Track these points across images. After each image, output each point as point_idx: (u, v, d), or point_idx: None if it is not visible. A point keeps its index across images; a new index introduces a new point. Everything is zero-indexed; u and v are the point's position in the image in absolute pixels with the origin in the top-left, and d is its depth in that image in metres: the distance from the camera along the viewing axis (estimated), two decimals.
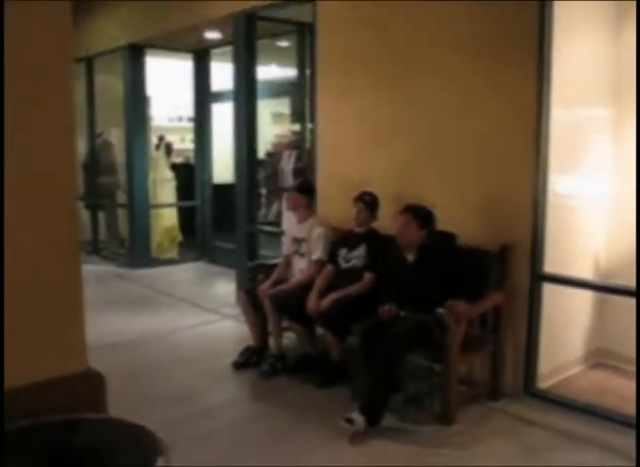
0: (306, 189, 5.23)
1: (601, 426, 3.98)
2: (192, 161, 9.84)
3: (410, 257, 4.24)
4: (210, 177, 9.28)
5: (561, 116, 4.28)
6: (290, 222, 5.53)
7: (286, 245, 5.39)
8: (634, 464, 3.51)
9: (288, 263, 5.25)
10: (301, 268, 5.12)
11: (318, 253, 4.95)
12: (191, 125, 9.73)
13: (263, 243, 7.12)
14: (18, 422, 1.96)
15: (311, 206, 5.25)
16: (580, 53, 4.48)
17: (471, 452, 3.67)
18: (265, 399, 4.56)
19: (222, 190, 8.99)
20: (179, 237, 9.54)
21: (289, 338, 5.14)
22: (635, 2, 4.03)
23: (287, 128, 8.79)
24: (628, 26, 4.48)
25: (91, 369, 2.38)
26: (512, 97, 4.29)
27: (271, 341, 5.00)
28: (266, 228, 7.43)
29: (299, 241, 5.15)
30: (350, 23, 5.33)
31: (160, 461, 1.77)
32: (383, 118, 5.07)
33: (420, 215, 4.22)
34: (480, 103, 4.46)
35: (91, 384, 2.35)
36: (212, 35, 7.87)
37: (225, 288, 7.60)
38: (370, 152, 5.22)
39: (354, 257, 4.77)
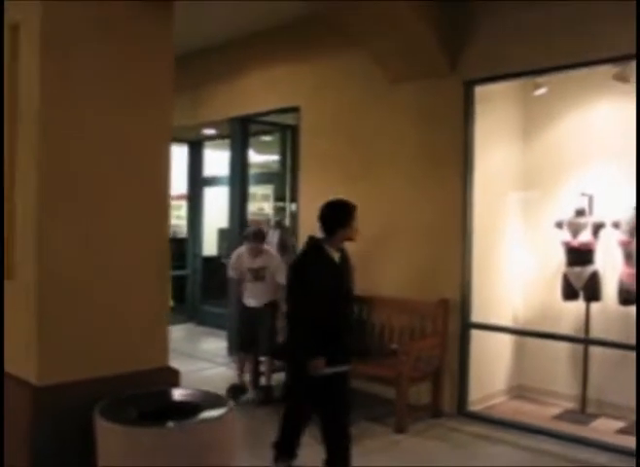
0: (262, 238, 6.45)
1: (511, 433, 5.38)
2: (177, 235, 11.05)
3: (336, 258, 4.17)
4: (200, 250, 10.68)
5: (481, 197, 5.82)
6: (243, 260, 6.44)
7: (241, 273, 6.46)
8: (528, 454, 4.94)
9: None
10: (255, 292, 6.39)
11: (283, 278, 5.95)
12: (179, 203, 11.08)
13: None
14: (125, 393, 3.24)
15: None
16: (496, 155, 6.10)
17: (415, 449, 5.02)
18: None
19: (209, 261, 10.42)
20: (170, 303, 10.77)
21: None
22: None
23: (257, 207, 10.27)
24: (536, 131, 6.27)
25: (170, 365, 3.73)
26: (446, 188, 5.83)
27: (263, 379, 6.44)
28: None
29: (256, 270, 6.33)
30: (327, 130, 6.89)
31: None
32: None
33: None
34: (424, 193, 5.98)
35: (171, 376, 3.69)
36: (208, 131, 9.45)
37: (215, 344, 8.88)
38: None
39: None
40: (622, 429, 5.51)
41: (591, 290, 5.82)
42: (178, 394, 3.44)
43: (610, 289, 5.79)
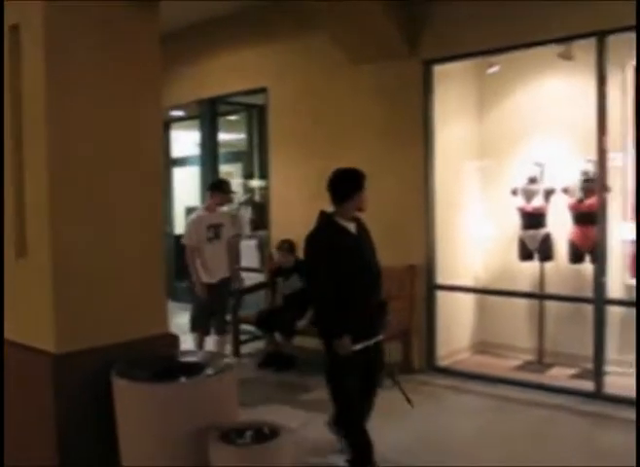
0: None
1: (476, 383, 5.92)
2: None
3: (352, 228, 4.07)
4: (172, 229, 10.98)
5: (442, 169, 6.28)
6: (201, 217, 6.39)
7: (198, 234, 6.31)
8: (492, 400, 5.48)
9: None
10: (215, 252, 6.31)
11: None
12: None
13: None
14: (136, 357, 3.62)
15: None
16: (454, 129, 6.55)
17: (391, 400, 5.50)
18: None
19: (180, 239, 10.73)
20: None
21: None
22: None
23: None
24: (491, 106, 6.77)
25: (170, 331, 4.12)
26: (408, 161, 6.26)
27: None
28: None
29: (215, 227, 6.31)
30: (294, 109, 7.24)
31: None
32: (319, 180, 6.88)
33: None
34: (388, 167, 6.39)
35: (172, 341, 4.09)
36: (176, 113, 9.71)
37: (186, 318, 9.26)
38: (309, 204, 6.93)
39: (291, 284, 6.57)
40: (575, 375, 6.08)
41: (545, 251, 6.37)
42: (183, 355, 3.84)
43: (561, 249, 6.35)
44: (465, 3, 5.78)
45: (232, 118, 10.10)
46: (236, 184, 10.66)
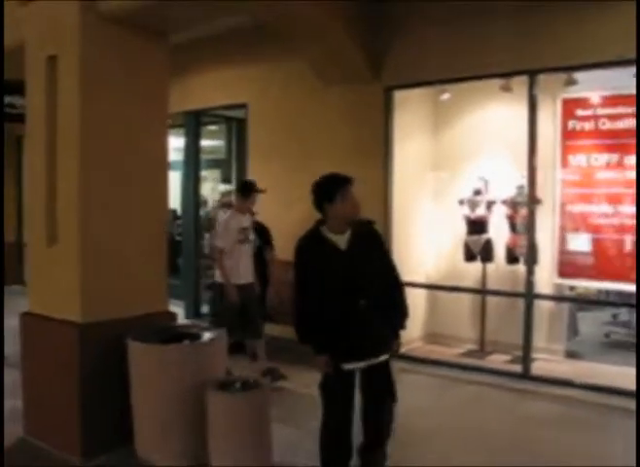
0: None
1: (427, 366, 6.87)
2: None
3: (342, 243, 3.69)
4: None
5: (399, 181, 7.24)
6: (235, 219, 6.25)
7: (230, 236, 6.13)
8: (439, 380, 6.45)
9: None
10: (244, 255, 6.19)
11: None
12: None
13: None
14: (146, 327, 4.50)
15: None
16: (411, 146, 7.54)
17: None
18: None
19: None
20: None
21: None
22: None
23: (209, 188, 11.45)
24: (443, 128, 7.77)
25: (169, 309, 5.01)
26: (371, 174, 7.16)
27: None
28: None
29: (245, 230, 6.22)
30: (271, 124, 8.15)
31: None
32: (292, 189, 7.71)
33: None
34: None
35: (171, 317, 4.97)
36: None
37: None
38: (283, 209, 7.94)
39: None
40: (509, 360, 7.08)
41: (486, 253, 7.39)
42: (182, 327, 4.74)
43: (499, 252, 7.37)
44: (422, 39, 6.76)
45: (213, 128, 10.96)
46: (215, 188, 11.60)
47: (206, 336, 4.49)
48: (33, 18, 4.59)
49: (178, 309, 9.49)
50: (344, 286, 3.63)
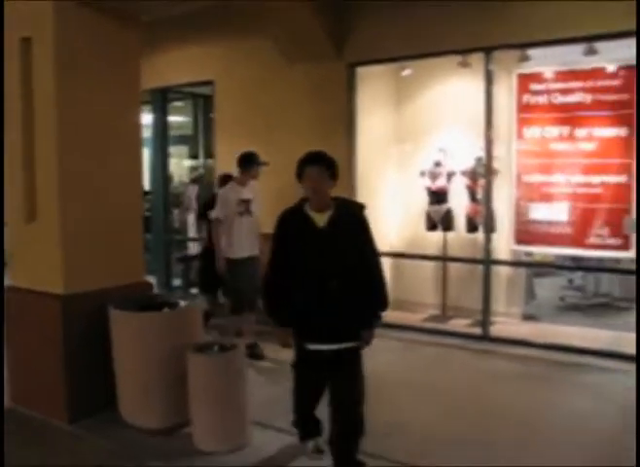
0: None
1: (392, 331, 7.21)
2: None
3: (321, 221, 3.60)
4: None
5: (363, 154, 7.52)
6: (234, 190, 6.21)
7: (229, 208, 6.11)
8: (403, 343, 6.80)
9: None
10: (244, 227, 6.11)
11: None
12: None
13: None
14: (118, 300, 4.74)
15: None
16: (374, 120, 7.81)
17: None
18: None
19: None
20: None
21: None
22: None
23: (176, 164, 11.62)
24: (404, 103, 8.05)
25: (146, 279, 5.25)
26: (335, 147, 7.21)
27: None
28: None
29: (246, 202, 6.15)
30: (237, 100, 8.34)
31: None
32: None
33: (331, 164, 3.76)
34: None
35: (148, 286, 5.22)
36: None
37: None
38: None
39: None
40: (469, 324, 7.45)
41: (447, 223, 7.73)
42: (160, 296, 5.00)
43: (460, 221, 7.73)
44: (383, 17, 7.00)
45: (180, 104, 11.09)
46: (180, 164, 11.76)
47: (183, 304, 4.75)
48: (7, 2, 4.71)
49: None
50: (316, 265, 3.55)
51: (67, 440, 4.56)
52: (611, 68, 6.54)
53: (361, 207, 3.83)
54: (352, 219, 3.69)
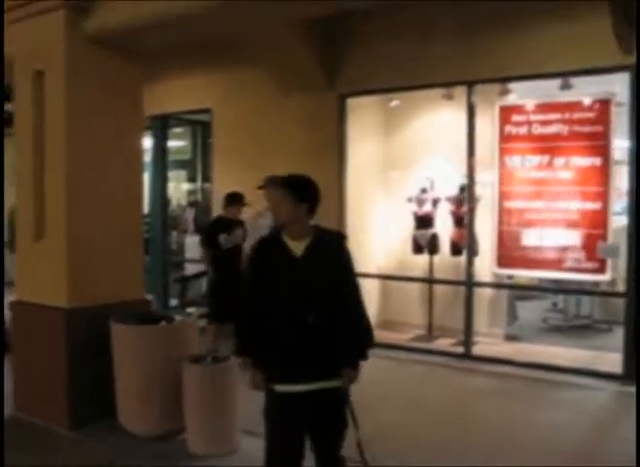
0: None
1: (379, 350, 7.48)
2: None
3: (298, 250, 3.27)
4: None
5: (353, 181, 7.90)
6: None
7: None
8: (391, 361, 7.11)
9: None
10: None
11: None
12: None
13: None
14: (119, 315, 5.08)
15: None
16: (364, 148, 8.21)
17: None
18: None
19: None
20: None
21: None
22: None
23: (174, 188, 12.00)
24: (392, 132, 8.44)
25: (145, 296, 5.59)
26: (326, 174, 7.75)
27: None
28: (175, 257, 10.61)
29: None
30: (234, 127, 8.74)
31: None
32: (253, 187, 8.20)
33: (297, 187, 3.48)
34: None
35: (147, 303, 5.56)
36: None
37: None
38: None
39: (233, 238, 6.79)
40: (453, 343, 7.77)
41: (432, 246, 8.10)
42: (158, 311, 5.33)
43: (445, 245, 8.09)
44: (373, 51, 7.43)
45: (179, 130, 11.52)
46: (178, 188, 12.14)
47: (179, 318, 5.09)
48: (23, 36, 5.12)
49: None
50: (293, 297, 3.21)
51: (67, 445, 4.86)
52: (587, 101, 6.94)
53: (342, 237, 3.54)
54: (332, 248, 3.35)
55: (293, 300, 3.21)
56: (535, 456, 4.60)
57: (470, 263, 7.26)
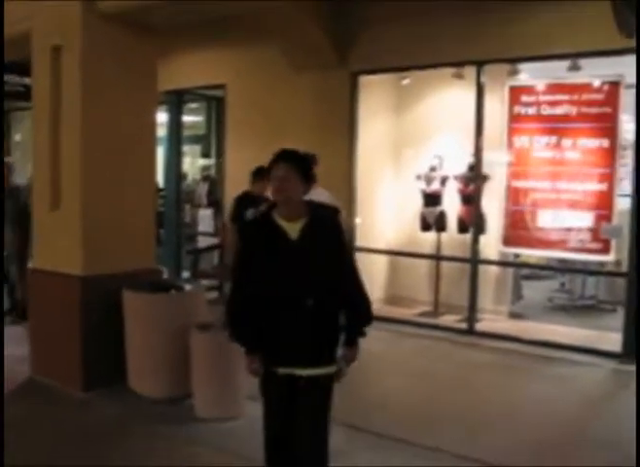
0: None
1: (387, 324, 7.68)
2: None
3: (293, 232, 3.09)
4: None
5: (363, 158, 8.03)
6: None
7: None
8: (397, 335, 7.29)
9: None
10: None
11: None
12: None
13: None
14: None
15: None
16: (375, 126, 8.32)
17: None
18: None
19: None
20: None
21: None
22: None
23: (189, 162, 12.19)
24: (403, 110, 8.52)
25: (156, 266, 5.79)
26: (337, 151, 7.93)
27: None
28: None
29: None
30: (247, 104, 8.87)
31: None
32: (262, 161, 8.47)
33: (304, 164, 3.25)
34: (320, 155, 8.07)
35: (159, 272, 5.77)
36: None
37: None
38: None
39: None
40: (458, 320, 7.92)
41: (440, 224, 8.22)
42: (168, 280, 5.54)
43: (452, 223, 8.22)
44: (384, 30, 7.50)
45: (194, 105, 11.66)
46: (194, 163, 12.33)
47: (189, 287, 5.29)
48: (41, 13, 5.29)
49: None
50: (290, 281, 3.07)
51: (80, 405, 5.12)
52: (596, 83, 7.00)
53: (335, 211, 3.38)
54: (327, 227, 3.20)
55: (291, 284, 3.08)
56: (517, 423, 4.83)
57: (475, 240, 7.39)
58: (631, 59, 6.32)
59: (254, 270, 3.11)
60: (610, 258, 7.16)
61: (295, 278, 3.07)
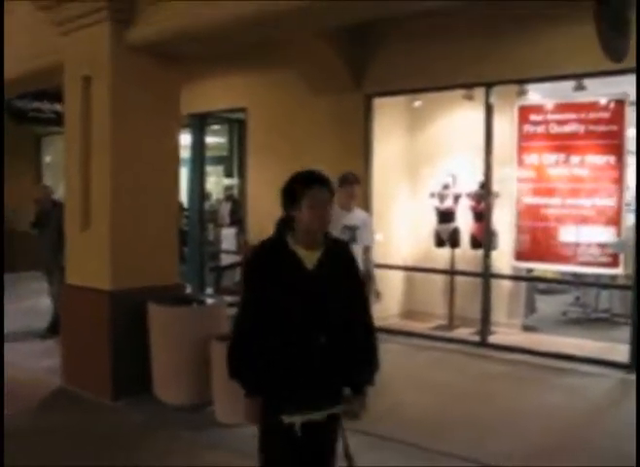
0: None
1: (403, 338, 7.93)
2: None
3: (309, 261, 2.83)
4: None
5: (378, 177, 8.33)
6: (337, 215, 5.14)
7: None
8: (412, 348, 7.53)
9: None
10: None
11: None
12: None
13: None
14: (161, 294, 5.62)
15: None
16: (389, 146, 8.63)
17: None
18: None
19: None
20: None
21: None
22: None
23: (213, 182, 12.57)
24: (416, 131, 8.82)
25: (181, 282, 6.13)
26: (353, 169, 8.11)
27: None
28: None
29: (351, 229, 5.64)
30: (268, 126, 9.24)
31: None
32: (282, 182, 8.83)
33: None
34: (336, 174, 8.36)
35: (182, 287, 6.10)
36: None
37: None
38: (277, 201, 9.00)
39: None
40: (472, 333, 8.13)
41: (453, 240, 8.48)
42: (191, 295, 5.86)
43: (465, 239, 8.47)
44: (397, 54, 7.84)
45: (217, 127, 12.08)
46: (218, 182, 12.72)
47: (210, 301, 5.61)
48: (72, 46, 5.70)
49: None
50: (303, 315, 2.78)
51: (109, 412, 5.44)
52: (602, 101, 7.24)
53: (346, 244, 3.18)
54: (341, 259, 2.95)
55: (302, 318, 2.79)
56: (524, 429, 5.06)
57: (487, 255, 7.63)
58: (633, 79, 6.60)
59: (263, 300, 2.77)
60: (619, 271, 7.35)
61: (308, 312, 2.79)
